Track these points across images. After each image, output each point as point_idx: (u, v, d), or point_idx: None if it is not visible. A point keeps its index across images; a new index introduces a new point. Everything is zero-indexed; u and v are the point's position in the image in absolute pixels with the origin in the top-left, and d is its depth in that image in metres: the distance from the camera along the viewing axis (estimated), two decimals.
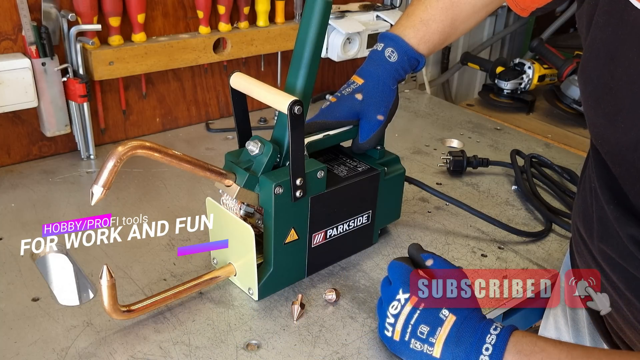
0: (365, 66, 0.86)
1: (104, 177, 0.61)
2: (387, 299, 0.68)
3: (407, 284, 0.66)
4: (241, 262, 0.78)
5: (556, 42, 1.85)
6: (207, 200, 0.79)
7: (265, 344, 0.71)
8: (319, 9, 0.71)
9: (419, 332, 0.63)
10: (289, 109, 0.68)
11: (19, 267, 0.82)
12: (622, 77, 0.52)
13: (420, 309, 0.64)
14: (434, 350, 0.62)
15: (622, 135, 0.54)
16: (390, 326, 0.66)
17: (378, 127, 0.84)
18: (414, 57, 0.85)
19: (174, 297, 0.74)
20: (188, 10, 1.20)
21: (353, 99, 0.84)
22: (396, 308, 0.66)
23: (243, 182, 0.73)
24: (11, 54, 1.02)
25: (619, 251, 0.61)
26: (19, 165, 1.10)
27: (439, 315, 0.63)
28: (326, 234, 0.82)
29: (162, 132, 1.27)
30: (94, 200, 0.62)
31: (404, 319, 0.65)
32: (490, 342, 0.59)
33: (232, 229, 0.76)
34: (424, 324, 0.63)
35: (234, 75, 0.75)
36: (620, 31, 0.52)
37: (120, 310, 0.69)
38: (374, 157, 0.88)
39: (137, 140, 0.63)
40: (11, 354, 0.68)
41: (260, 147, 0.74)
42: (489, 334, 0.60)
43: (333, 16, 1.33)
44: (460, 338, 0.61)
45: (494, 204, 1.06)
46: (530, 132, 1.44)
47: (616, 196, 0.60)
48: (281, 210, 0.74)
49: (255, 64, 1.36)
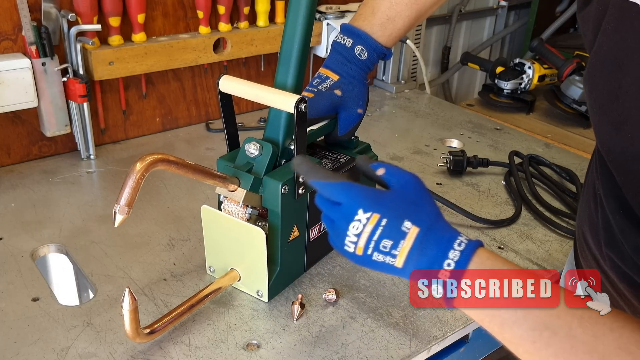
0: (338, 62, 0.88)
1: (127, 196, 0.59)
2: (342, 218, 0.63)
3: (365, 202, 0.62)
4: (247, 266, 0.78)
5: (556, 42, 1.86)
6: (203, 208, 0.78)
7: (265, 344, 0.71)
8: (305, 4, 0.71)
9: (382, 247, 0.60)
10: (295, 107, 0.69)
11: (19, 267, 0.82)
12: (631, 87, 0.51)
13: (383, 224, 0.60)
14: (396, 261, 0.60)
15: (629, 145, 0.53)
16: (352, 244, 0.62)
17: (357, 120, 0.88)
18: (382, 52, 0.88)
19: (189, 312, 0.74)
20: (188, 10, 1.20)
21: (332, 95, 0.86)
22: (357, 228, 0.62)
23: (249, 185, 0.73)
24: (11, 54, 1.02)
25: (624, 259, 0.61)
26: (19, 165, 1.10)
27: (401, 228, 0.60)
28: (320, 227, 0.83)
29: (162, 132, 1.27)
30: (117, 222, 0.60)
31: (366, 237, 0.61)
32: (453, 259, 0.57)
33: (237, 234, 0.76)
34: (386, 238, 0.60)
35: (222, 78, 0.73)
36: (630, 39, 0.51)
37: (144, 334, 0.67)
38: (350, 147, 0.91)
39: (153, 154, 0.60)
40: (11, 354, 0.68)
41: (259, 148, 0.74)
42: (452, 249, 0.57)
43: (333, 16, 1.33)
44: (424, 248, 0.58)
45: (494, 204, 1.06)
46: (530, 132, 1.44)
47: (622, 206, 0.59)
48: (287, 208, 0.75)
49: (255, 64, 1.36)
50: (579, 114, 1.56)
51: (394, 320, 0.76)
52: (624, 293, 0.64)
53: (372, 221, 0.61)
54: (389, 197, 0.63)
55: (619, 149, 0.55)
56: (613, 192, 0.61)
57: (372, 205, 0.62)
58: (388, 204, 0.62)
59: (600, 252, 0.66)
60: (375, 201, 0.62)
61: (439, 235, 0.59)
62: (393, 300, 0.80)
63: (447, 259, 0.57)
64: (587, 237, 0.71)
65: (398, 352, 0.71)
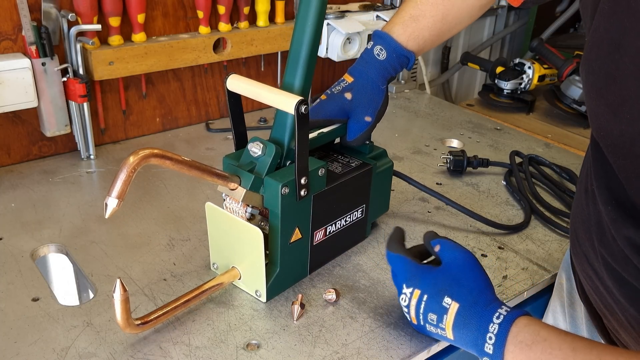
0: (356, 64, 0.86)
1: (118, 188, 0.60)
2: (398, 290, 0.71)
3: (408, 277, 0.68)
4: (246, 265, 0.77)
5: (556, 42, 1.86)
6: (207, 205, 0.79)
7: (265, 344, 0.71)
8: (315, 6, 0.71)
9: (430, 319, 0.66)
10: (295, 108, 0.68)
11: (19, 267, 0.82)
12: (629, 67, 0.51)
13: (425, 300, 0.66)
14: (447, 333, 0.65)
15: (627, 126, 0.52)
16: (406, 314, 0.70)
17: (365, 128, 0.85)
18: (402, 55, 0.84)
19: (183, 306, 0.74)
20: (188, 10, 1.20)
21: (342, 98, 0.84)
22: (405, 300, 0.69)
23: (249, 184, 0.72)
24: (11, 54, 1.02)
25: (614, 255, 0.61)
26: (19, 165, 1.10)
27: (442, 304, 0.64)
28: (326, 231, 0.82)
29: (162, 132, 1.27)
30: (108, 213, 0.60)
31: (414, 309, 0.68)
32: (493, 332, 0.60)
33: (237, 233, 0.76)
34: (431, 312, 0.66)
35: (230, 78, 0.75)
36: (627, 19, 0.50)
37: (135, 325, 0.68)
38: (364, 152, 0.89)
39: (148, 149, 0.61)
40: (11, 354, 0.68)
41: (262, 148, 0.74)
42: (491, 323, 0.60)
43: (333, 16, 1.33)
44: (466, 324, 0.62)
45: (494, 204, 1.06)
46: (530, 132, 1.44)
47: (615, 196, 0.59)
48: (287, 210, 0.74)
49: (255, 64, 1.36)
50: (579, 114, 1.56)
51: (394, 320, 0.76)
52: (612, 291, 0.64)
53: (415, 296, 0.68)
54: (432, 274, 0.68)
55: (617, 132, 0.54)
56: (606, 183, 0.61)
57: (413, 281, 0.68)
58: (429, 281, 0.67)
59: (593, 247, 0.66)
60: (417, 277, 0.68)
61: (479, 310, 0.62)
62: (393, 300, 0.80)
63: (488, 333, 0.60)
64: (579, 234, 0.71)
65: (398, 352, 0.71)
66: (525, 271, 0.88)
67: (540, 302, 0.90)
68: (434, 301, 0.65)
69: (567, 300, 0.85)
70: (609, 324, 0.71)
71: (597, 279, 0.67)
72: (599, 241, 0.64)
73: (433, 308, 0.65)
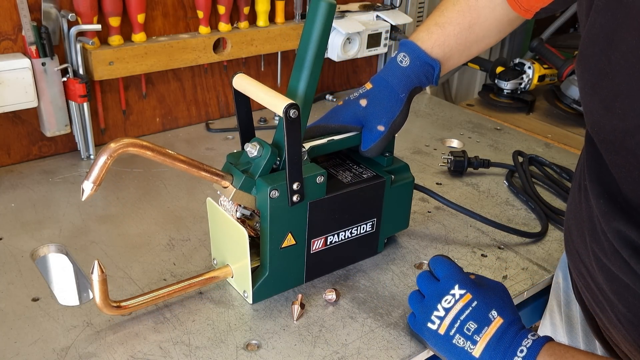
0: (380, 72, 0.84)
1: (95, 173, 0.61)
2: (436, 293, 0.69)
3: (462, 280, 0.68)
4: (237, 264, 0.78)
5: (556, 42, 1.85)
6: (208, 201, 0.79)
7: (265, 344, 0.71)
8: (323, 11, 0.70)
9: (466, 329, 0.65)
10: (284, 112, 0.67)
11: (19, 267, 0.82)
12: (620, 62, 0.51)
13: (473, 306, 0.66)
14: (475, 349, 0.64)
15: (619, 121, 0.53)
16: (438, 319, 0.67)
17: (378, 139, 0.81)
18: (426, 62, 0.81)
19: (167, 295, 0.74)
20: (188, 10, 1.20)
21: (357, 105, 0.81)
22: (449, 302, 0.67)
23: (239, 184, 0.72)
24: (11, 54, 1.02)
25: (604, 250, 0.61)
26: (19, 165, 1.10)
27: (489, 315, 0.65)
28: (326, 240, 0.80)
29: (162, 132, 1.27)
30: (84, 197, 0.62)
31: (455, 313, 0.66)
32: (526, 345, 0.61)
33: (229, 231, 0.76)
34: (472, 320, 0.65)
35: (237, 77, 0.75)
36: (619, 14, 0.51)
37: (111, 306, 0.69)
38: (382, 164, 0.86)
39: (130, 138, 0.62)
40: (11, 354, 0.68)
41: (258, 149, 0.73)
42: (526, 338, 0.62)
43: None
44: (501, 341, 0.63)
45: (494, 204, 1.06)
46: (530, 132, 1.44)
47: (607, 190, 0.59)
48: (277, 214, 0.73)
49: (255, 64, 1.36)
50: (579, 114, 1.56)
51: (394, 320, 0.76)
52: (603, 287, 0.64)
53: (464, 299, 0.67)
54: (483, 287, 0.69)
55: (609, 127, 0.55)
56: (599, 178, 0.61)
57: (468, 285, 0.68)
58: (481, 290, 0.68)
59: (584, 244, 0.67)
60: (472, 283, 0.69)
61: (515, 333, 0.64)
62: (393, 300, 0.80)
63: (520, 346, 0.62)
64: (572, 231, 0.71)
65: (398, 352, 0.71)
66: (525, 271, 0.88)
67: (540, 302, 0.90)
68: (481, 310, 0.66)
69: (563, 300, 0.85)
70: (601, 322, 0.71)
71: (589, 275, 0.67)
72: (591, 237, 0.64)
73: (477, 317, 0.65)
